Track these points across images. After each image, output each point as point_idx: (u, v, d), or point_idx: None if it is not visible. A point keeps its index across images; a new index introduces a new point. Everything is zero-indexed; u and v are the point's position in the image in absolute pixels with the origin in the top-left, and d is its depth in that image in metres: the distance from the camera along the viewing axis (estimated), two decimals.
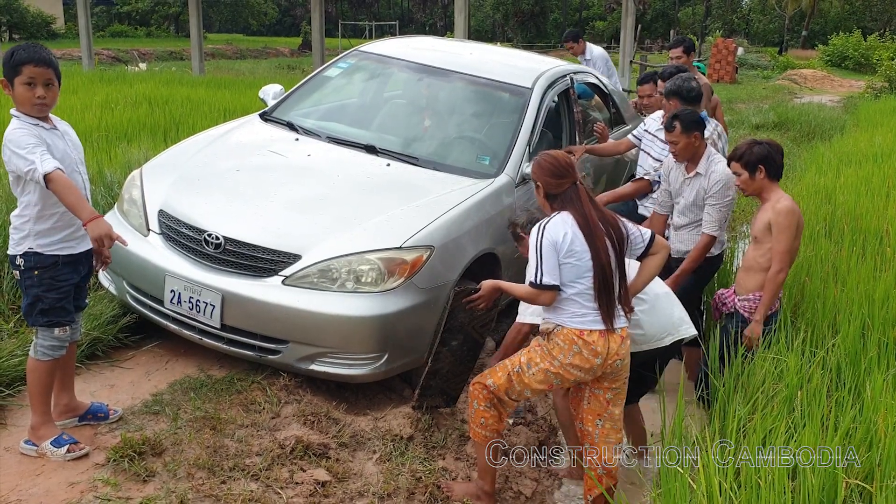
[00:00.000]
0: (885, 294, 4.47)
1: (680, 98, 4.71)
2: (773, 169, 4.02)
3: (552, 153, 3.35)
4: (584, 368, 3.16)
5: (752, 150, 4.01)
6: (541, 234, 3.17)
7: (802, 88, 25.95)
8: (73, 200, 2.97)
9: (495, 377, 3.29)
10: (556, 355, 3.17)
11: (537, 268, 3.14)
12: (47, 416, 3.33)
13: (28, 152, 2.96)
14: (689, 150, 4.38)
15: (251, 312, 3.83)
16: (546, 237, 3.15)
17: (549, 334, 3.21)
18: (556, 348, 3.18)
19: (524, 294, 3.27)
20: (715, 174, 4.34)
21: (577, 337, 3.14)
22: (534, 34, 53.31)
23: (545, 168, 3.29)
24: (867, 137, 11.63)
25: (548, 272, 3.12)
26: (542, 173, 3.29)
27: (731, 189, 4.33)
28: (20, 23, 35.47)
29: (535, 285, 3.15)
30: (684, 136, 4.32)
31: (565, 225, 3.16)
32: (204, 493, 3.13)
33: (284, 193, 4.26)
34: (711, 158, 4.40)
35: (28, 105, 3.05)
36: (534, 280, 3.14)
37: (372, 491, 3.32)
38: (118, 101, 10.79)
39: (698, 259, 4.42)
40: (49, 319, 3.20)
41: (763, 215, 4.02)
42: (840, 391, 3.54)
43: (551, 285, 3.12)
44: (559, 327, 3.18)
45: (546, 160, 3.31)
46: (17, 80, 3.03)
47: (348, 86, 5.83)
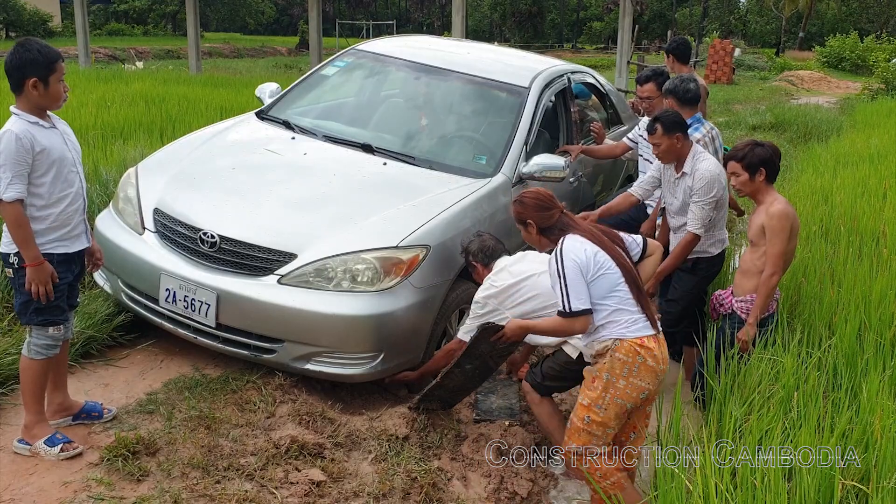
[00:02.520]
0: (881, 295, 4.47)
1: (676, 97, 4.70)
2: (772, 172, 4.01)
3: (529, 190, 3.34)
4: (651, 380, 3.08)
5: (753, 151, 3.99)
6: (560, 260, 3.07)
7: (799, 90, 25.99)
8: (21, 238, 3.05)
9: (576, 440, 3.16)
10: (618, 376, 3.04)
11: (564, 295, 3.03)
12: (41, 415, 3.32)
13: (4, 170, 2.97)
14: (672, 152, 4.34)
15: (246, 311, 3.81)
16: (567, 261, 3.06)
17: (604, 355, 3.08)
18: (617, 366, 3.05)
19: (554, 327, 3.16)
20: (699, 172, 4.30)
21: (639, 347, 3.04)
22: (531, 34, 53.32)
23: (531, 205, 3.27)
24: (864, 139, 11.66)
25: (576, 297, 3.02)
26: (530, 211, 3.26)
27: (716, 187, 4.28)
28: (16, 20, 35.40)
29: (565, 314, 3.04)
30: (666, 137, 4.28)
31: (581, 242, 3.10)
32: (198, 493, 3.12)
33: (280, 192, 4.25)
34: (697, 157, 4.36)
35: (59, 100, 3.12)
36: (564, 309, 3.03)
37: (367, 491, 3.31)
38: (114, 100, 10.77)
39: (680, 257, 4.38)
40: (43, 318, 3.19)
41: (757, 218, 4.01)
42: (836, 392, 3.54)
43: (583, 310, 3.02)
44: (617, 341, 3.06)
45: (528, 197, 3.29)
46: (54, 77, 3.06)
47: (345, 84, 5.81)
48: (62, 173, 3.13)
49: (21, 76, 3.02)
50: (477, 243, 4.01)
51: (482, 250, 3.98)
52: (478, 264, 3.97)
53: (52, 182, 3.10)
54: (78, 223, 3.25)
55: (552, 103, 5.54)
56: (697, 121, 4.74)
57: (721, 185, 4.30)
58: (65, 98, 3.15)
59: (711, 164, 4.32)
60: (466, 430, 3.89)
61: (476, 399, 4.20)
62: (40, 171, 3.06)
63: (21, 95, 3.05)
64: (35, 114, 3.07)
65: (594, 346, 3.15)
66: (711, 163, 4.33)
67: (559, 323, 3.10)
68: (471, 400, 4.19)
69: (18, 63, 3.02)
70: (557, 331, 3.21)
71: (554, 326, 3.17)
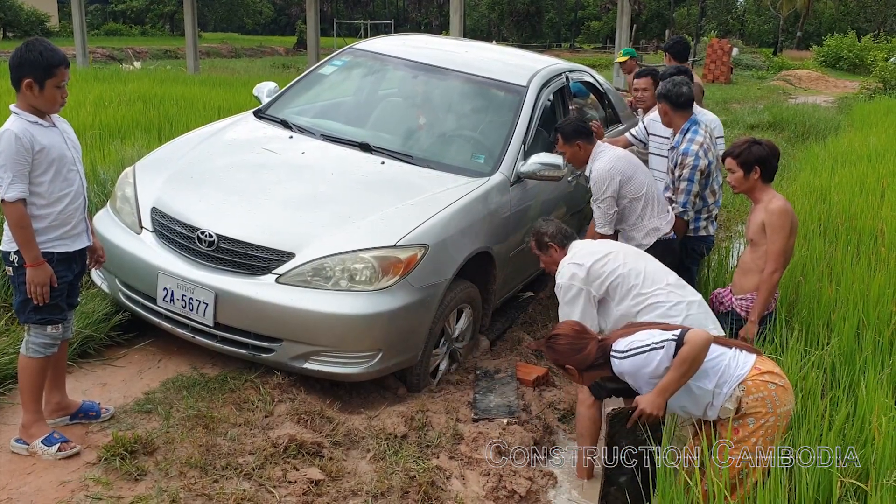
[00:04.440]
0: (879, 293, 4.47)
1: (669, 102, 4.69)
2: (769, 171, 4.01)
3: (554, 335, 3.14)
4: (791, 398, 2.96)
5: (750, 149, 3.99)
6: (626, 371, 3.00)
7: (797, 89, 26.02)
8: (23, 239, 3.04)
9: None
10: (766, 415, 2.88)
11: (656, 347, 2.90)
12: (39, 414, 3.31)
13: (5, 170, 2.97)
14: (577, 158, 4.57)
15: (244, 311, 3.81)
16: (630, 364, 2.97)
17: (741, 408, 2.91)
18: (757, 407, 2.88)
19: (684, 360, 2.85)
20: (592, 173, 4.48)
21: (761, 375, 2.91)
22: (529, 34, 53.34)
23: (564, 352, 3.08)
24: (861, 138, 11.67)
25: (670, 332, 2.94)
26: (566, 357, 3.08)
27: (607, 184, 4.39)
28: (14, 20, 35.38)
29: (678, 341, 2.87)
30: (567, 146, 4.52)
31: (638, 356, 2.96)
32: (196, 492, 3.11)
33: (278, 191, 4.24)
34: (595, 157, 4.52)
35: (55, 106, 3.09)
36: (673, 339, 2.88)
37: (365, 490, 3.30)
38: (112, 99, 10.76)
39: None
40: (42, 317, 3.18)
41: (756, 216, 4.01)
42: (835, 390, 3.54)
43: (686, 329, 2.92)
44: (741, 386, 2.90)
45: (559, 344, 3.09)
46: (51, 81, 3.03)
47: (343, 83, 5.80)
48: (62, 172, 3.12)
49: (18, 75, 3.02)
50: (553, 225, 3.91)
51: (560, 231, 3.86)
52: (554, 245, 3.84)
53: (52, 181, 3.09)
54: (78, 222, 3.24)
55: (550, 102, 5.53)
56: (694, 123, 4.69)
57: (614, 181, 4.38)
58: (61, 104, 3.11)
59: (603, 162, 4.44)
60: (465, 429, 3.88)
61: (474, 398, 4.19)
62: (40, 170, 3.06)
63: (19, 94, 3.05)
64: (34, 113, 3.07)
65: (726, 408, 2.94)
66: (603, 161, 4.45)
67: (683, 354, 2.85)
68: (469, 399, 4.19)
69: (18, 61, 3.02)
70: (687, 360, 2.86)
71: (683, 362, 2.86)
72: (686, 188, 4.62)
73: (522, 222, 4.74)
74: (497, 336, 5.08)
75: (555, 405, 4.36)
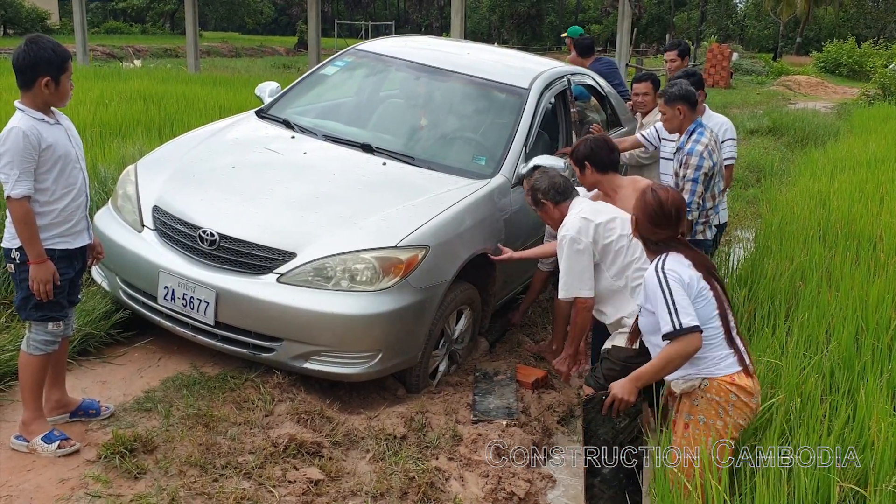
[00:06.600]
0: (878, 299, 4.48)
1: (688, 103, 4.63)
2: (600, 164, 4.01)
3: (656, 191, 2.97)
4: (748, 416, 2.94)
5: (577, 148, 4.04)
6: (663, 276, 2.84)
7: (796, 94, 26.06)
8: (27, 236, 3.05)
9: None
10: (715, 418, 2.86)
11: (672, 312, 2.77)
12: (39, 411, 3.31)
13: (11, 167, 2.98)
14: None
15: (245, 310, 3.81)
16: (670, 278, 2.83)
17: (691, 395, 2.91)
18: (712, 408, 2.86)
19: (667, 359, 2.84)
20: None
21: (729, 385, 2.88)
22: (529, 36, 53.38)
23: (649, 202, 2.96)
24: (861, 143, 11.69)
25: (685, 313, 2.77)
26: (643, 221, 2.98)
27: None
28: (14, 18, 35.37)
29: (676, 333, 2.76)
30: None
31: (683, 264, 2.90)
32: (196, 491, 3.11)
33: (280, 191, 4.24)
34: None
35: (67, 98, 3.14)
36: (673, 327, 2.76)
37: (365, 490, 3.30)
38: (113, 98, 10.74)
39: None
40: (43, 314, 3.19)
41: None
42: (834, 395, 3.55)
43: (693, 326, 2.77)
44: (706, 381, 2.88)
45: (650, 202, 2.95)
46: (65, 76, 3.07)
47: (345, 84, 5.81)
48: (66, 169, 3.13)
49: (34, 74, 3.01)
50: (546, 180, 3.74)
51: (553, 187, 3.73)
52: (548, 202, 3.73)
53: (57, 178, 3.10)
54: (80, 219, 3.25)
55: (552, 105, 5.54)
56: (699, 125, 4.66)
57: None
58: (70, 96, 3.17)
59: None
60: (464, 431, 3.89)
61: (474, 399, 4.20)
62: (45, 167, 3.06)
63: (29, 92, 3.04)
64: (41, 110, 3.07)
65: (679, 384, 2.97)
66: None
67: (670, 350, 2.81)
68: (468, 400, 4.19)
69: (32, 61, 3.00)
70: (672, 359, 2.84)
71: (666, 358, 2.84)
72: (691, 188, 4.60)
73: (523, 224, 4.74)
74: (496, 338, 5.09)
75: (554, 408, 4.36)
